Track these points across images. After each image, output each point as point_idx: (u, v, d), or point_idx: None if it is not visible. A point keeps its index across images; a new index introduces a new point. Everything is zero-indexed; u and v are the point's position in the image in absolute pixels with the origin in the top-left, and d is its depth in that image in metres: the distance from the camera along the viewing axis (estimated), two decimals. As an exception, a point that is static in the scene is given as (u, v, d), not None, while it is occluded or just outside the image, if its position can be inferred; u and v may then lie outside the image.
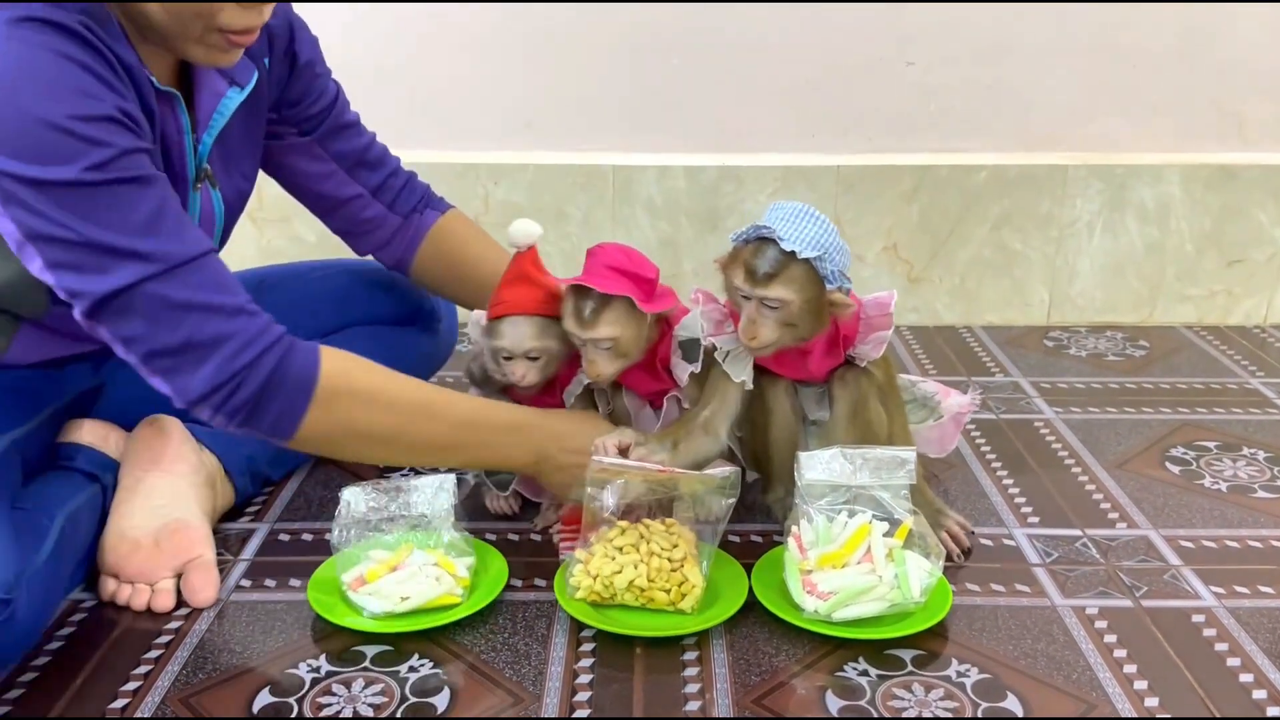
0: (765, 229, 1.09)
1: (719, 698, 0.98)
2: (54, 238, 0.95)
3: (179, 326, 0.99)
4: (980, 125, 1.93)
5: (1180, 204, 1.93)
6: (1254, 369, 1.77)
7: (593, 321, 1.13)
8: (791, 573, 1.09)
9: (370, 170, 1.36)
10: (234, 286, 1.03)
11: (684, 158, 1.92)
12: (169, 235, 0.98)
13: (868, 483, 1.11)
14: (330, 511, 1.27)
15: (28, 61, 0.92)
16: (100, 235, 0.95)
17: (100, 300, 0.97)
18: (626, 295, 1.12)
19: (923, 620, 1.05)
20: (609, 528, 1.11)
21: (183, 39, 1.01)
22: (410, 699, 0.97)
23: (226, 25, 0.99)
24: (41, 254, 0.96)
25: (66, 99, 0.93)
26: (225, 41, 1.01)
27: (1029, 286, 1.98)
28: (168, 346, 1.00)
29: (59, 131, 0.92)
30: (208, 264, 1.02)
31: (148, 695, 0.98)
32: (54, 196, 0.93)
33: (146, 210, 0.97)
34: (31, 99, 0.91)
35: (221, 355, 1.00)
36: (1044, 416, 1.59)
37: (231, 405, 1.02)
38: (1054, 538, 1.25)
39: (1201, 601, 1.13)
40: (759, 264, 1.09)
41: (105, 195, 0.95)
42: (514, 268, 1.18)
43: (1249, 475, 1.41)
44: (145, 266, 0.97)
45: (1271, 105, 1.93)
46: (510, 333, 1.17)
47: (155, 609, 1.10)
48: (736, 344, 1.16)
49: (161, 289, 0.98)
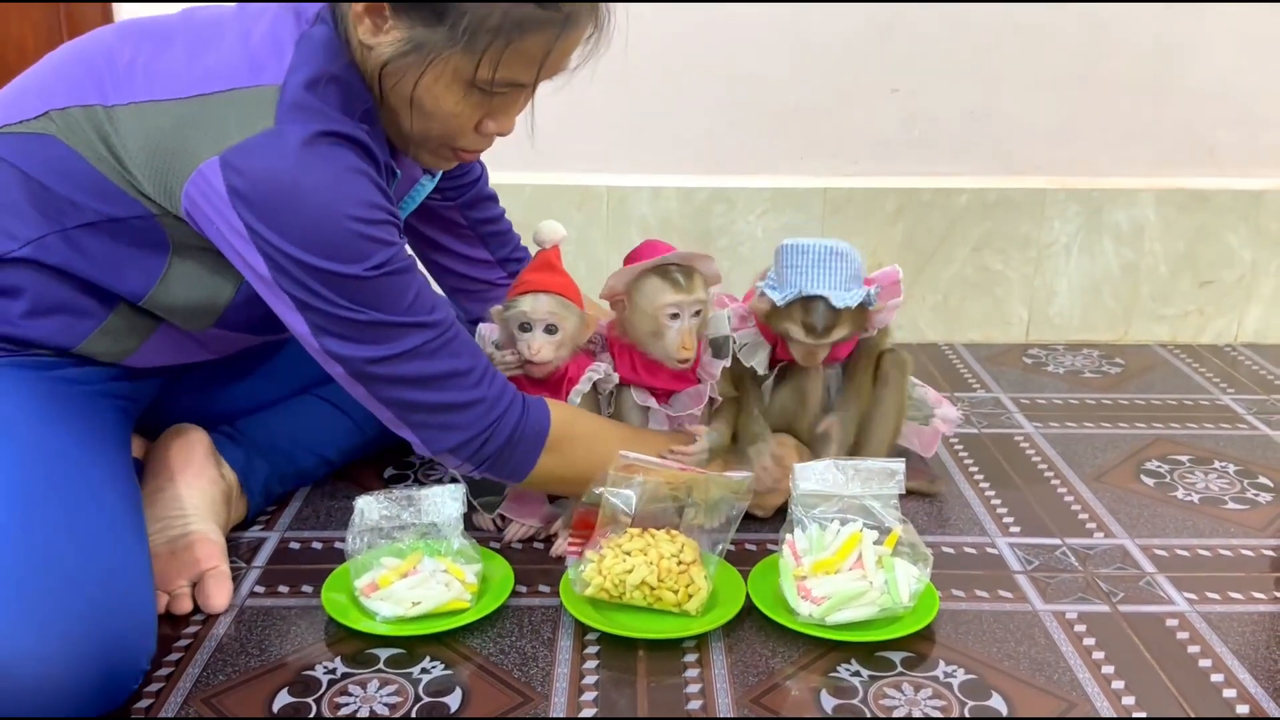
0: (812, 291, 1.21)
1: (719, 698, 1.02)
2: (327, 313, 1.04)
3: (441, 390, 1.09)
4: (962, 150, 2.00)
5: (1154, 227, 1.99)
6: (1225, 386, 1.84)
7: (691, 284, 1.22)
8: (786, 579, 1.14)
9: (500, 241, 1.47)
10: (478, 350, 1.14)
11: (677, 179, 1.97)
12: (429, 310, 1.08)
13: (859, 493, 1.16)
14: (338, 520, 1.33)
15: (335, 178, 1.01)
16: (376, 315, 1.04)
17: (370, 362, 1.06)
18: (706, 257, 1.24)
19: (911, 624, 1.10)
20: (619, 533, 1.15)
21: (420, 146, 1.12)
22: (424, 699, 1.02)
23: (463, 147, 1.11)
24: (308, 320, 1.04)
25: (361, 210, 1.02)
26: (455, 156, 1.13)
27: (1009, 305, 2.04)
28: (430, 405, 1.10)
29: (352, 236, 1.01)
30: (461, 330, 1.12)
31: (170, 695, 1.02)
32: (332, 282, 1.02)
33: (414, 291, 1.07)
34: (334, 210, 1.00)
35: (473, 414, 1.11)
36: (1024, 431, 1.64)
37: (479, 458, 1.14)
38: (1035, 546, 1.30)
39: (1175, 607, 1.18)
40: (816, 321, 1.22)
41: (382, 284, 1.04)
42: (539, 259, 1.26)
43: (1220, 487, 1.47)
44: (419, 335, 1.07)
45: (1241, 133, 2.00)
46: (532, 303, 1.22)
47: (174, 612, 1.14)
48: (755, 337, 1.28)
49: (429, 356, 1.08)
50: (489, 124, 1.09)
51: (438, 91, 1.04)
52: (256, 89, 1.01)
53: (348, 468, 1.46)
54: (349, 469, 1.46)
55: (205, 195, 1.00)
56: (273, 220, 0.99)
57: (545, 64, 1.05)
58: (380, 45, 1.03)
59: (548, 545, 1.29)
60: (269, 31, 1.06)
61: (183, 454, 1.24)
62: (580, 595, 1.14)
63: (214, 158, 0.99)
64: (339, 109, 1.04)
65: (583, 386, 1.26)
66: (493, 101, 1.07)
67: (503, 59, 1.02)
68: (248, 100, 1.01)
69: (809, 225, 1.97)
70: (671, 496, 1.17)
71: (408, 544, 1.17)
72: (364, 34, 1.04)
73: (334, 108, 1.04)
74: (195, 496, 1.22)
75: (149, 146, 1.02)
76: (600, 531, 1.16)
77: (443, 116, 1.06)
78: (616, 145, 1.98)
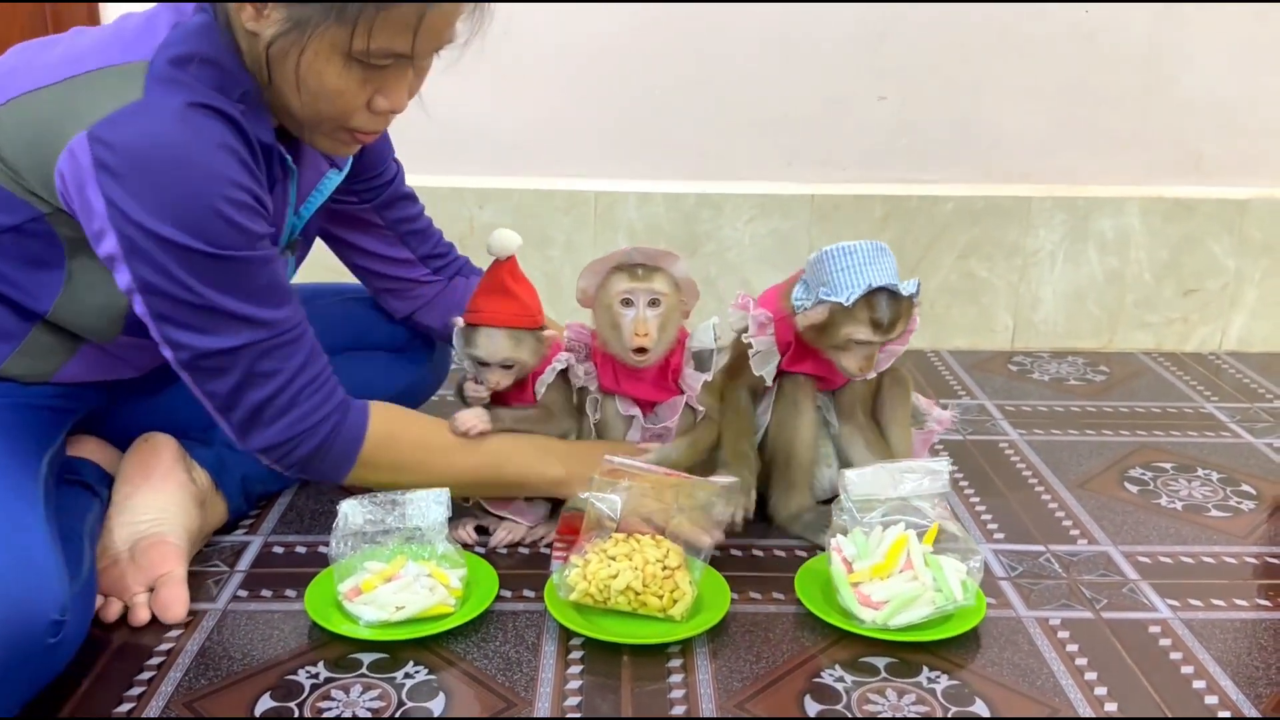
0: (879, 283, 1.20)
1: (703, 702, 1.02)
2: (169, 294, 1.03)
3: (262, 389, 1.09)
4: (949, 158, 2.01)
5: (1139, 235, 2.01)
6: (1209, 394, 1.85)
7: (647, 275, 1.22)
8: (843, 586, 1.14)
9: (420, 238, 1.45)
10: (318, 354, 1.13)
11: (664, 185, 1.98)
12: (278, 305, 1.08)
13: (909, 494, 1.17)
14: (322, 525, 1.32)
15: (197, 146, 1.01)
16: (217, 300, 1.04)
17: (200, 355, 1.06)
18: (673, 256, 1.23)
19: (970, 619, 1.12)
20: (604, 538, 1.15)
21: (313, 130, 1.10)
22: (407, 704, 1.01)
23: (357, 127, 1.09)
24: (149, 304, 1.04)
25: (221, 185, 1.01)
26: (351, 139, 1.11)
27: (994, 313, 2.05)
28: (247, 403, 1.09)
29: (209, 211, 1.01)
30: (304, 334, 1.11)
31: (152, 699, 1.01)
32: (183, 260, 1.01)
33: (262, 283, 1.06)
34: (192, 179, 1.00)
35: (289, 419, 1.11)
36: (1009, 438, 1.65)
37: (287, 461, 1.14)
38: (1018, 553, 1.31)
39: (1158, 614, 1.19)
40: (883, 315, 1.21)
41: (230, 268, 1.03)
42: (492, 278, 1.24)
43: (1203, 495, 1.47)
44: (254, 332, 1.06)
45: (1226, 143, 2.01)
46: (485, 344, 1.23)
47: (131, 623, 1.13)
48: (769, 345, 1.27)
49: (260, 354, 1.07)
50: (379, 100, 1.07)
51: (319, 67, 1.03)
52: (126, 65, 1.01)
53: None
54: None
55: (74, 173, 1.00)
56: (133, 189, 0.98)
57: (420, 33, 1.03)
58: (264, 29, 1.03)
59: (533, 550, 1.29)
60: (145, 18, 1.07)
61: (149, 459, 1.24)
62: (565, 600, 1.14)
63: (82, 133, 0.99)
64: (212, 88, 1.03)
65: (547, 376, 1.27)
66: (379, 77, 1.06)
67: (375, 28, 1.01)
68: (116, 75, 1.01)
69: (796, 232, 1.98)
70: (657, 502, 1.17)
71: (391, 548, 1.17)
72: (248, 21, 1.03)
73: (207, 85, 1.03)
74: (161, 500, 1.21)
75: (27, 138, 1.02)
76: (585, 536, 1.16)
77: (329, 94, 1.05)
78: (604, 150, 1.98)
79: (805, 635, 1.13)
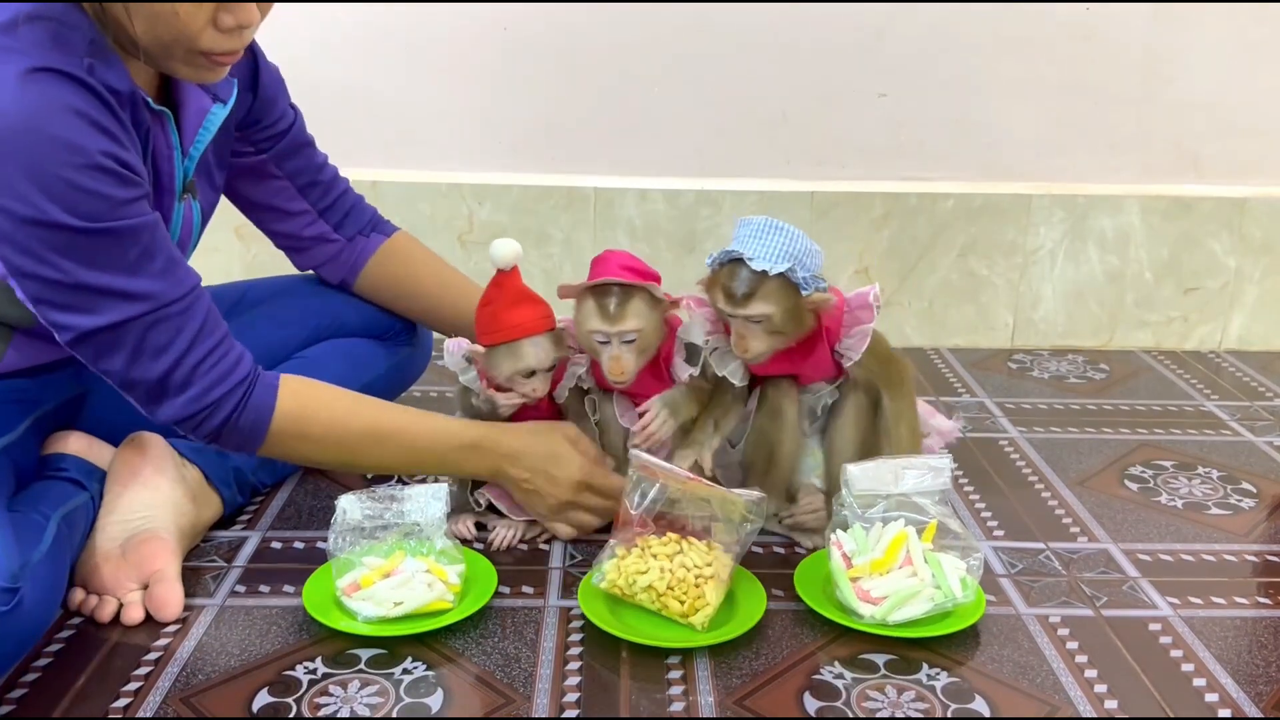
0: (735, 252, 1.15)
1: (702, 698, 1.02)
2: (40, 276, 1.00)
3: (156, 364, 1.06)
4: (949, 156, 2.00)
5: (1139, 234, 2.00)
6: (1209, 392, 1.84)
7: (619, 315, 1.18)
8: (842, 581, 1.14)
9: (321, 191, 1.42)
10: (214, 325, 1.10)
11: (664, 181, 1.97)
12: (158, 276, 1.04)
13: (910, 490, 1.16)
14: (320, 520, 1.32)
15: (41, 115, 0.96)
16: (88, 277, 1.01)
17: (83, 335, 1.04)
18: (646, 285, 1.19)
19: (969, 616, 1.12)
20: (656, 535, 1.14)
21: (167, 59, 1.04)
22: (405, 700, 1.01)
23: (208, 48, 1.03)
24: (24, 289, 1.02)
25: (72, 153, 0.97)
26: (209, 62, 1.05)
27: (994, 311, 2.05)
28: (145, 379, 1.07)
29: (62, 183, 0.97)
30: (194, 303, 1.08)
31: (149, 695, 1.01)
32: (45, 238, 0.98)
33: (136, 253, 1.02)
34: (40, 150, 0.96)
35: (192, 392, 1.09)
36: (1009, 435, 1.64)
37: (199, 433, 1.12)
38: (1018, 550, 1.30)
39: (1158, 611, 1.18)
40: (735, 286, 1.16)
41: (97, 241, 1.00)
42: (508, 289, 1.22)
43: (1203, 493, 1.47)
44: (133, 306, 1.03)
45: (1226, 141, 2.01)
46: (535, 353, 1.22)
47: (125, 621, 1.12)
48: (726, 343, 1.23)
49: (145, 329, 1.05)
50: (224, 18, 1.01)
51: None
52: None
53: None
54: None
55: None
56: None
57: None
58: None
59: (531, 546, 1.29)
60: None
61: (138, 458, 1.23)
62: (596, 587, 1.14)
63: None
64: (49, 46, 0.98)
65: (567, 381, 1.28)
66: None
67: None
68: None
69: (796, 229, 1.97)
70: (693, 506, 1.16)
71: (390, 544, 1.16)
72: None
73: (41, 46, 0.98)
74: (152, 496, 1.20)
75: None
76: (621, 528, 1.15)
77: (163, 17, 0.99)
78: (603, 147, 1.98)
79: (805, 632, 1.13)
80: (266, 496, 1.39)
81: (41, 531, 1.08)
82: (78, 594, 1.15)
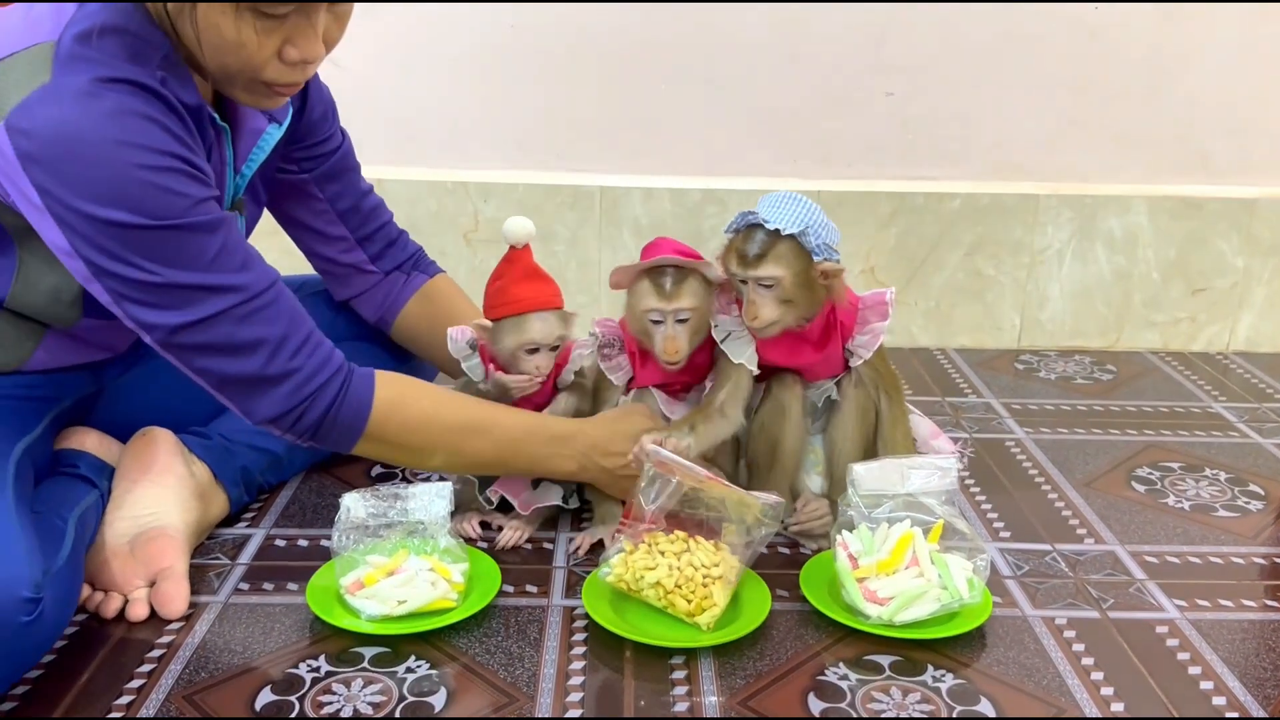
0: (752, 214, 1.17)
1: (706, 699, 1.02)
2: (122, 276, 1.01)
3: (252, 358, 1.06)
4: (955, 154, 1.99)
5: (1147, 233, 1.99)
6: (1216, 394, 1.84)
7: (675, 293, 1.20)
8: (849, 582, 1.13)
9: (360, 219, 1.41)
10: (301, 317, 1.10)
11: (669, 180, 1.97)
12: (240, 269, 1.05)
13: (916, 490, 1.16)
14: (324, 518, 1.32)
15: (116, 119, 0.98)
16: (172, 275, 1.01)
17: (174, 330, 1.04)
18: (700, 265, 1.21)
19: (976, 617, 1.12)
20: (666, 532, 1.14)
21: (229, 85, 1.07)
22: (408, 698, 1.01)
23: (272, 80, 1.05)
24: (107, 288, 1.02)
25: (146, 154, 0.99)
26: (270, 92, 1.07)
27: (1000, 311, 2.04)
28: (241, 376, 1.07)
29: (137, 182, 0.98)
30: (279, 296, 1.08)
31: (152, 693, 1.01)
32: (125, 238, 0.99)
33: (216, 249, 1.03)
34: (115, 153, 0.97)
35: (289, 385, 1.09)
36: (1015, 436, 1.64)
37: (297, 429, 1.12)
38: (1025, 552, 1.30)
39: (1165, 614, 1.18)
40: (748, 247, 1.17)
41: (176, 237, 1.01)
42: (520, 266, 1.24)
43: (1211, 495, 1.46)
44: (221, 300, 1.04)
45: (1235, 140, 2.00)
46: (541, 327, 1.23)
47: (130, 618, 1.12)
48: (739, 326, 1.24)
49: (236, 322, 1.05)
50: (290, 51, 1.02)
51: (213, 20, 0.99)
52: (32, 48, 0.99)
53: (334, 465, 1.46)
54: (335, 467, 1.45)
55: (2, 165, 0.98)
56: (59, 174, 0.97)
57: None
58: None
59: (535, 545, 1.28)
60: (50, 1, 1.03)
61: (147, 454, 1.23)
62: (602, 582, 1.13)
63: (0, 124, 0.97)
64: (124, 59, 1.00)
65: (572, 366, 1.29)
66: (282, 26, 1.01)
67: None
68: (24, 61, 0.98)
69: (802, 228, 1.97)
70: (706, 505, 1.16)
71: (394, 542, 1.16)
72: None
73: (116, 57, 1.00)
74: (160, 493, 1.20)
75: None
76: (631, 523, 1.15)
77: (230, 47, 1.01)
78: (610, 145, 1.98)
79: (809, 633, 1.12)
80: (271, 494, 1.39)
81: (62, 537, 1.09)
82: (84, 589, 1.14)
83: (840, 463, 1.25)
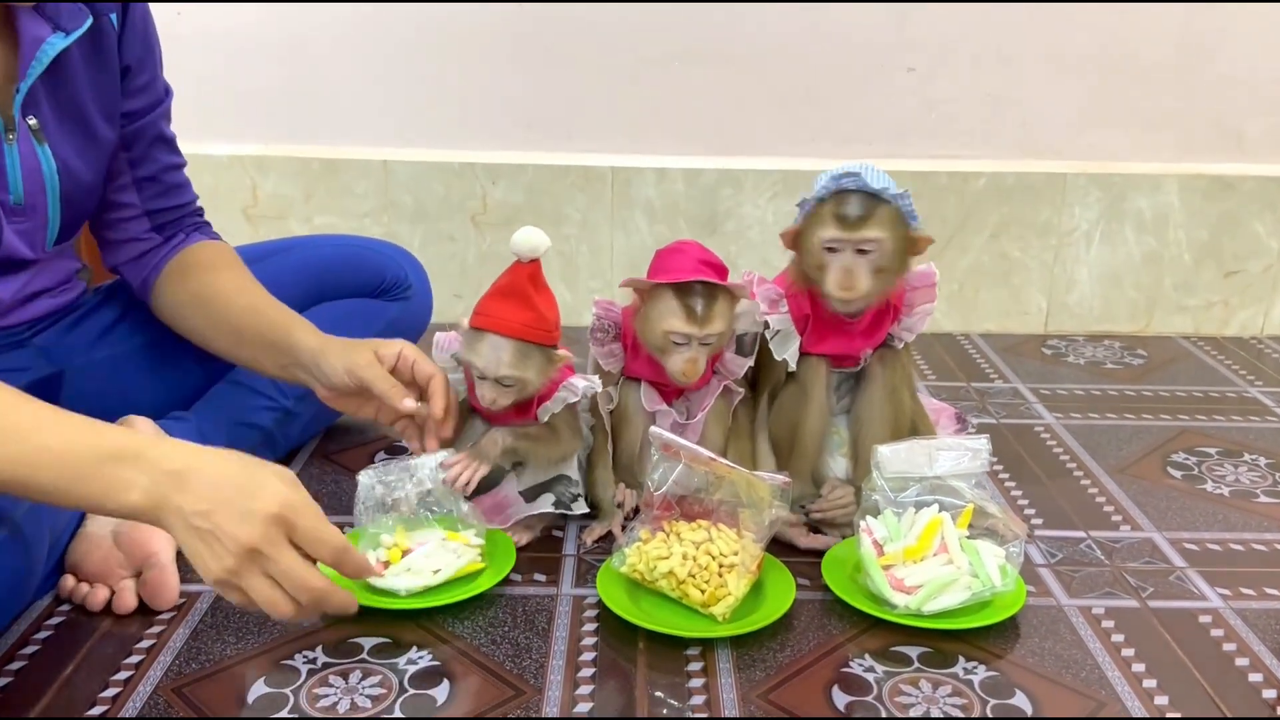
0: (848, 177, 1.11)
1: (724, 692, 0.96)
2: None
3: None
4: (980, 133, 1.93)
5: (1178, 214, 1.93)
6: (1252, 378, 1.77)
7: (707, 317, 1.12)
8: (874, 569, 1.07)
9: (157, 192, 1.26)
10: None
11: (683, 160, 1.91)
12: None
13: (945, 473, 1.10)
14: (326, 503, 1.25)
15: None
16: None
17: None
18: (730, 286, 1.13)
19: (1010, 605, 1.06)
20: (685, 521, 1.09)
21: None
22: (409, 691, 0.95)
23: None
24: None
25: None
26: None
27: (1027, 294, 1.98)
28: None
29: None
30: None
31: (139, 685, 0.96)
32: None
33: None
34: None
35: None
36: (1044, 422, 1.58)
37: None
38: (1058, 539, 1.24)
39: (1208, 603, 1.12)
40: (849, 210, 1.11)
41: None
42: (511, 280, 1.11)
43: (1251, 480, 1.40)
44: None
45: (1269, 118, 1.93)
46: (488, 354, 1.10)
47: (116, 609, 1.07)
48: (787, 323, 1.18)
49: None
50: None
51: None
52: None
53: (335, 450, 1.41)
54: (336, 451, 1.41)
55: None
56: None
57: None
58: None
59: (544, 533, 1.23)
60: None
61: None
62: (616, 571, 1.09)
63: None
64: None
65: (553, 406, 1.16)
66: None
67: None
68: None
69: (820, 209, 1.91)
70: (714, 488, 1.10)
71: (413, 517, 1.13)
72: None
73: None
74: None
75: None
76: (646, 511, 1.10)
77: None
78: (621, 124, 1.92)
79: (832, 622, 1.06)
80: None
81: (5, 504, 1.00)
82: (68, 581, 1.09)
83: (866, 445, 1.19)
